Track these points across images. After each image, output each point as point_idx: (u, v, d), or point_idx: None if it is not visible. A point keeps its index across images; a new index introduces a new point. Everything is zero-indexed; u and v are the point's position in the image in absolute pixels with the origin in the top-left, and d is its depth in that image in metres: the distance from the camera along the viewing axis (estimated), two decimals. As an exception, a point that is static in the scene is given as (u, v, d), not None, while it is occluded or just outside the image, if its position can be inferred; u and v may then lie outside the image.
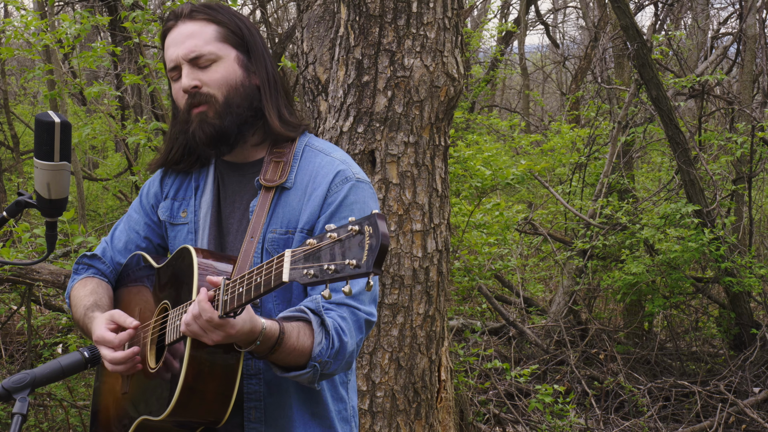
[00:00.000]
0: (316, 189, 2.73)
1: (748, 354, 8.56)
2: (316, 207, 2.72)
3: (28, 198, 2.77)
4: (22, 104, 18.37)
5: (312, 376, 2.55)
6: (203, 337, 2.39)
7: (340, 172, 2.75)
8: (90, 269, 3.05)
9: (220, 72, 2.73)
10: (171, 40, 2.78)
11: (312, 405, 2.77)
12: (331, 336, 2.56)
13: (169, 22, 2.81)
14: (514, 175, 7.83)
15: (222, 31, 2.77)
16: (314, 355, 2.53)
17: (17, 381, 2.37)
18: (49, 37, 7.19)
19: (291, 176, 2.77)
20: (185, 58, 2.73)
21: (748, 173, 9.78)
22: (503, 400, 7.69)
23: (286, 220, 2.73)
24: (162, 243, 3.04)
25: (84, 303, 2.89)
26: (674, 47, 11.23)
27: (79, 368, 2.53)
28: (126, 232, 3.05)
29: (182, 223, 2.94)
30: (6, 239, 8.13)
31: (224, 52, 2.75)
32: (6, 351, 7.75)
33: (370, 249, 2.03)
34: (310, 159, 2.80)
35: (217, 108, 2.72)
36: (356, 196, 2.73)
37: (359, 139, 4.47)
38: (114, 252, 3.05)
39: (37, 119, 2.63)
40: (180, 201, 2.96)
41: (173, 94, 2.82)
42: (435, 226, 4.58)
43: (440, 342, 4.75)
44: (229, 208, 2.86)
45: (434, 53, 4.43)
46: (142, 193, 3.07)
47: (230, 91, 2.73)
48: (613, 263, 9.78)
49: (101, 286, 2.99)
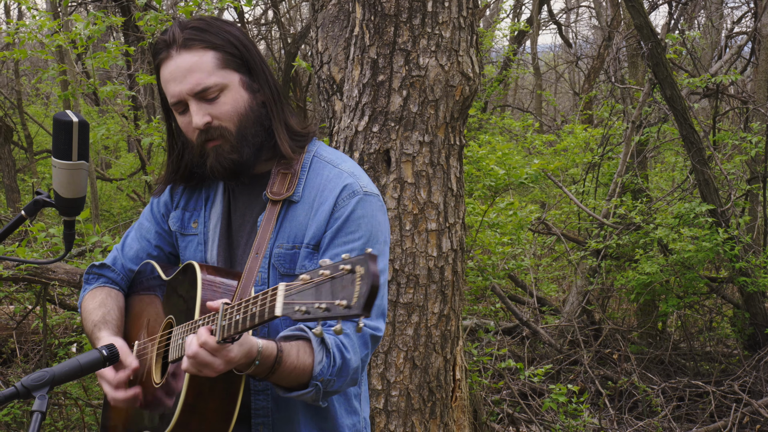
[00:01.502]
0: (323, 203, 2.68)
1: (763, 354, 8.53)
2: (322, 222, 2.67)
3: (46, 197, 2.78)
4: (35, 105, 18.44)
5: (315, 394, 2.53)
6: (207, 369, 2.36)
7: (347, 185, 2.69)
8: (100, 278, 3.03)
9: (229, 102, 2.66)
10: (169, 75, 2.68)
11: (320, 420, 2.74)
12: (332, 354, 2.52)
13: (161, 53, 2.70)
14: (527, 175, 7.83)
15: (221, 56, 2.67)
16: (315, 374, 2.50)
17: (37, 379, 2.38)
18: (62, 38, 7.21)
19: (299, 189, 2.72)
20: (190, 93, 2.65)
21: (762, 173, 9.74)
22: (517, 400, 7.68)
23: (293, 235, 2.70)
24: (173, 251, 3.01)
25: (92, 318, 2.87)
26: (688, 46, 11.20)
27: (97, 366, 2.53)
28: (137, 240, 3.03)
29: (192, 234, 2.91)
30: (22, 239, 8.16)
31: (228, 78, 2.67)
32: (21, 350, 7.77)
33: (361, 291, 1.99)
34: (318, 171, 2.75)
35: (231, 141, 2.67)
36: (364, 210, 2.68)
37: (374, 139, 4.47)
38: (125, 260, 3.03)
39: (55, 119, 2.64)
40: (191, 212, 2.93)
41: (181, 125, 2.75)
42: (450, 225, 4.58)
43: (455, 341, 4.74)
44: (239, 221, 2.83)
45: (449, 52, 4.42)
46: (153, 201, 3.04)
47: (241, 120, 2.67)
48: (627, 263, 9.76)
49: (111, 295, 2.97)
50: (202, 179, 2.88)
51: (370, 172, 4.47)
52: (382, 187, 4.47)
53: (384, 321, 2.69)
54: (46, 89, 16.70)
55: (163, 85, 2.72)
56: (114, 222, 14.27)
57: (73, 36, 7.13)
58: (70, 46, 7.42)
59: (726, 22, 14.40)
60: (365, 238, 2.66)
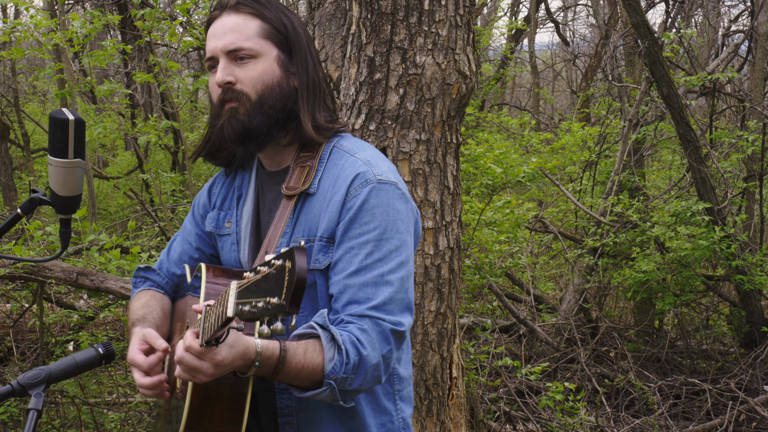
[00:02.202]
0: (335, 194, 2.61)
1: (759, 352, 8.55)
2: (334, 213, 2.59)
3: (42, 195, 2.78)
4: (32, 103, 18.44)
5: (330, 394, 2.44)
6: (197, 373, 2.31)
7: (359, 174, 2.61)
8: (146, 282, 3.01)
9: (257, 70, 2.65)
10: (213, 31, 2.70)
11: (347, 419, 2.67)
12: (345, 350, 2.43)
13: (214, 11, 2.74)
14: (524, 173, 7.83)
15: (266, 27, 2.67)
16: (327, 372, 2.42)
17: (32, 377, 2.38)
18: (59, 36, 7.21)
19: (315, 181, 2.66)
20: (223, 51, 2.66)
21: (759, 171, 9.76)
22: (514, 398, 7.68)
23: (308, 228, 2.63)
24: (214, 253, 2.98)
25: (133, 317, 2.84)
26: (685, 45, 11.21)
27: (93, 364, 2.53)
28: (180, 243, 3.03)
29: (227, 233, 2.89)
30: (18, 237, 8.16)
31: (265, 49, 2.66)
32: (18, 348, 7.77)
33: (288, 286, 1.96)
34: (336, 161, 2.68)
35: (247, 106, 2.63)
36: (378, 200, 2.58)
37: (371, 137, 4.47)
38: (170, 264, 3.02)
39: (51, 116, 2.64)
40: (225, 211, 2.91)
41: (209, 85, 2.75)
42: (447, 223, 4.59)
43: (452, 339, 4.75)
44: (267, 217, 2.78)
45: (446, 51, 4.43)
46: (195, 203, 3.03)
47: (264, 91, 2.64)
48: (624, 261, 9.77)
49: (155, 298, 2.94)
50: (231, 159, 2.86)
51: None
52: (378, 185, 4.46)
53: (410, 315, 2.60)
54: (43, 87, 16.69)
55: (206, 42, 2.74)
56: (111, 220, 14.27)
57: (69, 34, 7.12)
58: (67, 45, 7.41)
59: (723, 21, 14.42)
60: (381, 228, 2.57)
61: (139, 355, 2.60)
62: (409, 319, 2.59)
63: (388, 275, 2.55)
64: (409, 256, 2.62)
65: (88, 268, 5.95)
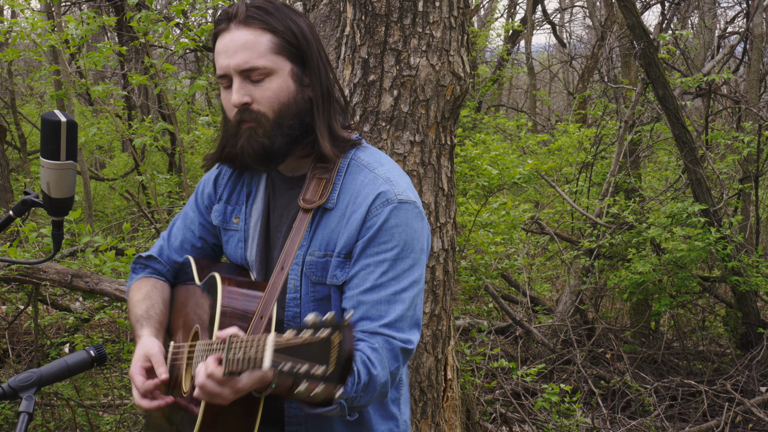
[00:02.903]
0: (355, 211, 2.60)
1: (755, 353, 8.55)
2: (354, 231, 2.59)
3: (35, 197, 2.77)
4: (29, 104, 18.43)
5: (340, 411, 2.44)
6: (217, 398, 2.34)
7: (381, 193, 2.59)
8: (146, 269, 3.00)
9: (273, 88, 2.59)
10: (222, 47, 2.63)
11: (356, 427, 2.69)
12: (356, 371, 2.44)
13: (221, 24, 2.65)
14: (521, 175, 7.83)
15: (278, 41, 2.60)
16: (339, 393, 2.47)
17: (24, 380, 2.38)
18: (54, 38, 7.20)
19: (333, 195, 2.64)
20: (236, 70, 2.59)
21: (755, 172, 9.76)
22: (510, 400, 7.68)
23: (325, 242, 2.62)
24: (217, 242, 2.98)
25: (136, 311, 2.84)
26: (681, 46, 11.22)
27: (85, 367, 2.53)
28: (182, 230, 3.00)
29: (234, 229, 2.87)
30: (13, 239, 8.15)
31: (278, 65, 2.60)
32: (13, 350, 7.76)
33: (337, 362, 1.99)
34: (354, 176, 2.66)
35: (266, 127, 2.59)
36: (398, 220, 2.58)
37: (365, 139, 4.47)
38: (170, 251, 2.99)
39: (43, 118, 2.63)
40: (233, 206, 2.89)
41: (222, 100, 2.69)
42: (441, 225, 4.58)
43: (446, 341, 4.74)
44: (277, 221, 2.76)
45: (440, 52, 4.42)
46: (198, 191, 3.00)
47: (282, 109, 2.60)
48: (620, 262, 9.77)
49: (156, 287, 2.93)
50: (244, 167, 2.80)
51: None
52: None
53: (418, 331, 2.63)
54: (39, 89, 16.69)
55: (215, 55, 2.67)
56: (107, 222, 14.27)
57: (65, 36, 7.12)
58: (63, 46, 7.40)
59: (719, 22, 14.42)
60: (399, 248, 2.58)
61: (139, 376, 2.63)
62: (417, 335, 2.61)
63: (401, 293, 2.57)
64: (421, 274, 2.64)
65: (83, 270, 5.94)
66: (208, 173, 3.01)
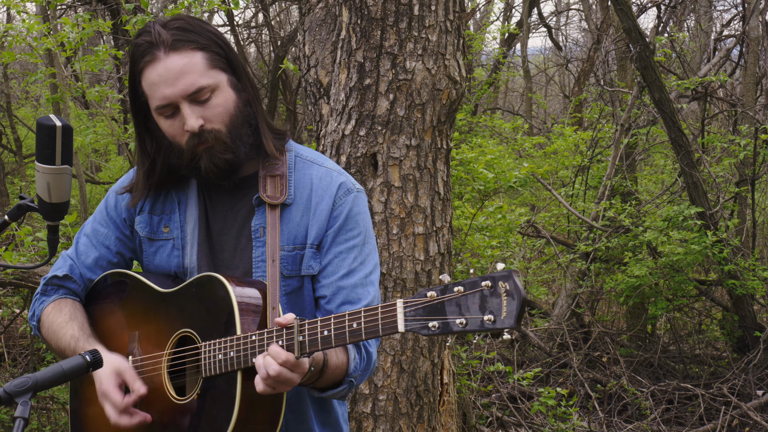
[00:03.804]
0: (320, 202, 2.71)
1: (752, 357, 8.55)
2: (323, 221, 2.70)
3: (30, 201, 2.77)
4: (25, 108, 18.40)
5: (347, 390, 2.60)
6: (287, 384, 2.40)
7: (342, 183, 2.74)
8: (60, 290, 2.90)
9: (221, 103, 2.60)
10: (159, 78, 2.58)
11: (325, 415, 2.80)
12: (364, 349, 2.61)
13: (146, 56, 2.61)
14: (516, 178, 7.83)
15: (209, 56, 2.61)
16: (350, 371, 2.57)
17: (19, 385, 2.36)
18: (50, 41, 7.18)
19: (290, 191, 2.71)
20: (183, 96, 2.57)
21: (751, 175, 9.77)
22: (506, 403, 7.68)
23: (292, 237, 2.69)
24: (133, 257, 2.92)
25: (69, 332, 2.77)
26: (677, 49, 11.22)
27: (81, 372, 2.50)
28: (95, 247, 2.89)
29: (165, 238, 2.82)
30: (8, 243, 8.13)
31: (218, 79, 2.61)
32: (9, 354, 7.75)
33: (510, 306, 2.10)
34: (304, 170, 2.75)
35: (226, 142, 2.61)
36: (359, 207, 2.75)
37: (361, 143, 4.46)
38: (83, 269, 2.90)
39: (38, 123, 2.62)
40: (160, 215, 2.83)
41: (166, 129, 2.65)
42: (437, 229, 4.58)
43: (442, 345, 4.74)
44: (220, 224, 2.76)
45: (436, 56, 4.42)
46: (108, 206, 2.90)
47: (232, 120, 2.62)
48: (616, 266, 9.77)
49: (77, 308, 2.86)
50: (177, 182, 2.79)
51: (357, 176, 4.46)
52: (369, 191, 4.47)
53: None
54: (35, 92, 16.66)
55: (147, 87, 2.62)
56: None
57: (61, 38, 7.10)
58: (59, 50, 7.39)
59: (715, 25, 14.43)
60: (363, 234, 2.74)
61: (115, 393, 2.62)
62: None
63: (370, 276, 2.74)
64: (377, 258, 2.81)
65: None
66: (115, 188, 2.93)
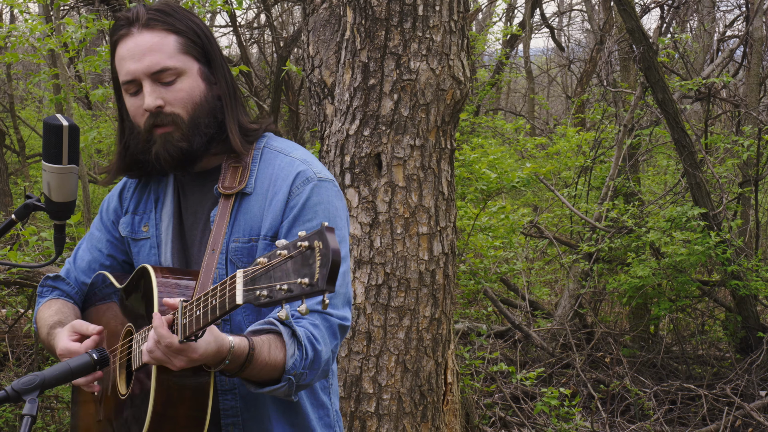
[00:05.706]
0: (277, 193, 2.61)
1: (755, 357, 8.55)
2: (278, 211, 2.60)
3: (36, 201, 2.78)
4: (28, 108, 18.41)
5: (288, 389, 2.45)
6: (167, 364, 2.29)
7: (300, 172, 2.62)
8: (54, 291, 2.92)
9: (185, 89, 2.58)
10: (127, 53, 2.58)
11: (291, 416, 2.68)
12: (304, 346, 2.45)
13: (121, 29, 2.60)
14: (519, 179, 7.84)
15: (183, 41, 2.59)
16: (288, 368, 2.43)
17: (27, 383, 2.37)
18: (54, 42, 7.20)
19: (251, 181, 2.64)
20: (146, 73, 2.56)
21: (754, 176, 9.77)
22: (509, 403, 7.68)
23: (248, 228, 2.62)
24: (127, 259, 2.91)
25: (48, 323, 2.78)
26: (680, 50, 11.22)
27: (87, 370, 2.51)
28: (89, 251, 2.93)
29: (144, 238, 2.81)
30: (14, 242, 8.15)
31: (187, 65, 2.59)
32: (13, 354, 7.76)
33: (322, 266, 1.94)
34: (270, 161, 2.68)
35: (183, 129, 2.58)
36: (319, 197, 2.61)
37: (365, 143, 4.47)
38: (78, 272, 2.93)
39: (45, 122, 2.63)
40: (140, 215, 2.83)
41: (129, 107, 2.64)
42: (441, 229, 4.59)
43: (446, 345, 4.75)
44: (191, 218, 2.74)
45: (440, 56, 4.43)
46: (102, 210, 2.94)
47: (196, 109, 2.59)
48: (619, 266, 9.77)
49: (66, 306, 2.87)
50: (149, 174, 2.78)
51: (361, 176, 4.47)
52: (373, 191, 4.47)
53: (350, 310, 2.63)
54: (39, 92, 16.68)
55: (118, 62, 2.62)
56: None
57: (64, 39, 7.12)
58: (62, 50, 7.40)
59: (718, 26, 14.44)
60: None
61: (72, 344, 2.58)
62: (350, 313, 2.63)
63: None
64: (347, 252, 2.66)
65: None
66: (113, 190, 2.96)
